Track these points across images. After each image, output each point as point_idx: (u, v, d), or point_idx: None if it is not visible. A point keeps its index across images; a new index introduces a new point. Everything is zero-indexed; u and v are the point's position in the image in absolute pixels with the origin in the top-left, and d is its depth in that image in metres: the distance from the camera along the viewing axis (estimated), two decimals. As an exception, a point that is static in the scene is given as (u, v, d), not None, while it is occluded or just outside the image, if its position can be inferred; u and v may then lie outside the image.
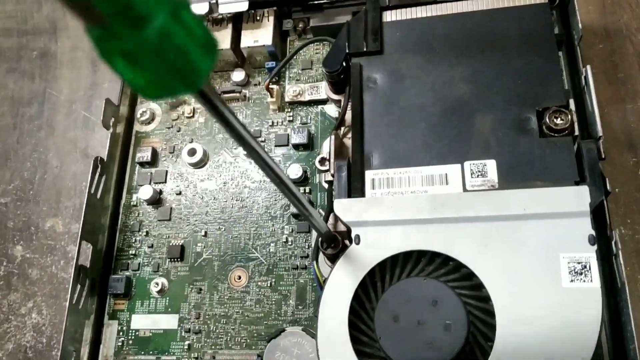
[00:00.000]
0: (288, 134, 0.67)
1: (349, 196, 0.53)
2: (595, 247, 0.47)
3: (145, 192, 0.66)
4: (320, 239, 0.52)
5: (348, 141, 0.58)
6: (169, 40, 0.20)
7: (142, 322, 0.62)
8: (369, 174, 0.54)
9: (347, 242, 0.52)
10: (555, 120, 0.52)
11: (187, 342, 0.60)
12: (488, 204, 0.50)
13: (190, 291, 0.62)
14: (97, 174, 0.63)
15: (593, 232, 0.47)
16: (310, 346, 0.56)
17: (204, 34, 0.22)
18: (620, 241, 0.49)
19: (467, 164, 0.52)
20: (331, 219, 0.55)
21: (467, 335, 0.47)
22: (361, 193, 0.53)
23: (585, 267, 0.46)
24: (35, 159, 0.77)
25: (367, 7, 0.61)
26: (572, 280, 0.46)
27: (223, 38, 0.68)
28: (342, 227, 0.54)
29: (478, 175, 0.52)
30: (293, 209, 0.62)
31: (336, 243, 0.52)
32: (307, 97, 0.68)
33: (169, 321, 0.62)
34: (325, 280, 0.51)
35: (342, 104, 0.61)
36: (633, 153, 0.61)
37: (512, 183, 0.51)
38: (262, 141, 0.68)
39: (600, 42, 0.67)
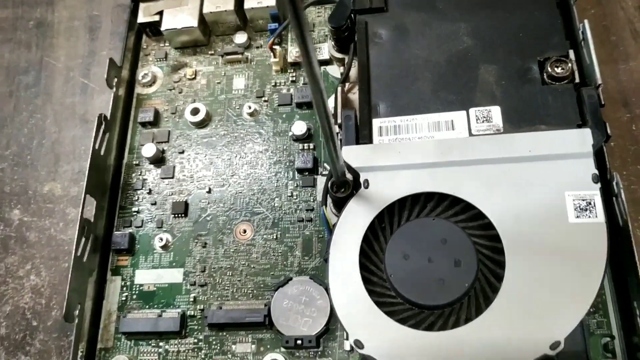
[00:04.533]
0: (291, 94, 0.67)
1: (357, 143, 0.54)
2: (599, 185, 0.48)
3: (148, 150, 0.66)
4: (329, 182, 0.52)
5: (353, 96, 0.59)
6: None
7: (146, 277, 0.62)
8: (376, 122, 0.55)
9: (354, 191, 0.53)
10: (556, 69, 0.53)
11: (192, 295, 0.60)
12: (494, 146, 0.51)
13: (195, 245, 0.62)
14: (101, 131, 0.63)
15: (596, 171, 0.48)
16: (317, 293, 0.56)
17: None
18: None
19: (472, 110, 0.53)
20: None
21: (477, 271, 0.48)
22: (369, 140, 0.54)
23: (589, 203, 0.48)
24: (33, 125, 0.76)
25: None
26: (577, 216, 0.47)
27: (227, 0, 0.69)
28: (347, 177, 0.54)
29: (483, 121, 0.53)
30: (297, 164, 0.63)
31: (346, 187, 0.52)
32: (310, 58, 0.68)
33: (173, 275, 0.61)
34: (334, 225, 0.52)
35: (346, 60, 0.62)
36: (627, 109, 0.63)
37: (517, 127, 0.52)
38: (264, 100, 0.68)
39: (592, 8, 0.69)
